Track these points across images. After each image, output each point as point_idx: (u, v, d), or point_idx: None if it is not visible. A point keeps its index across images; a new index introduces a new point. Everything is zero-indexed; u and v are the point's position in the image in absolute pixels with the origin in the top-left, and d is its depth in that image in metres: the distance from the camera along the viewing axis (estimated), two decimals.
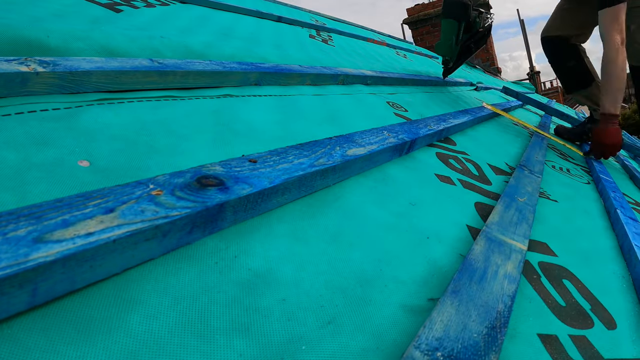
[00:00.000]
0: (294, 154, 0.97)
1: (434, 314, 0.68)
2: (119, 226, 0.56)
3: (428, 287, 0.82)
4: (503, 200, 1.29)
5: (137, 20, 1.79)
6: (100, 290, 0.55)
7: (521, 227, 1.13)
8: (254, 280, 0.67)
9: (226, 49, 1.82)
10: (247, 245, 0.73)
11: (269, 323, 0.61)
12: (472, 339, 0.65)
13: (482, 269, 0.85)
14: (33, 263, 0.46)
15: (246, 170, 0.82)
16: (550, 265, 1.09)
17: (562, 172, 2.28)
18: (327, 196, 0.99)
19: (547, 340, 0.80)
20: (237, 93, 1.41)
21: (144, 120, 0.99)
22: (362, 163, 1.14)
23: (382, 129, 1.43)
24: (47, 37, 1.16)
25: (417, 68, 3.95)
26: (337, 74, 2.09)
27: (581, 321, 0.91)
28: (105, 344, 0.49)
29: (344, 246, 0.84)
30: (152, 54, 1.41)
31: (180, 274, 0.62)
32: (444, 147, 1.75)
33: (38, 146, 0.75)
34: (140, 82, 1.13)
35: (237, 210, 0.74)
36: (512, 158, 2.10)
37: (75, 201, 0.58)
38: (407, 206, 1.11)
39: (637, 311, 1.03)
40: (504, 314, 0.73)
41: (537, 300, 0.92)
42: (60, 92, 0.95)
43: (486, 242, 0.97)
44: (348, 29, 5.18)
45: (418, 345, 0.60)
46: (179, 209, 0.63)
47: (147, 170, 0.81)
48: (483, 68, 10.51)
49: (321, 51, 2.92)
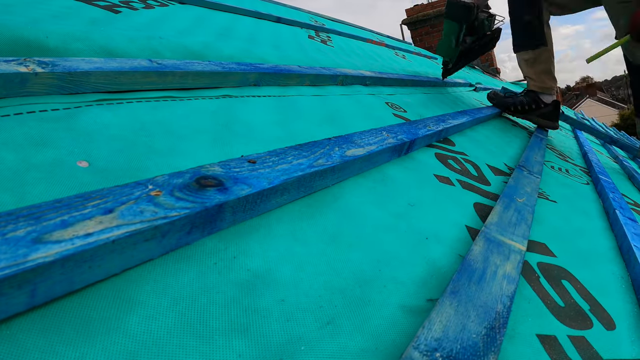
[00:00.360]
0: (293, 154, 0.97)
1: (432, 314, 0.68)
2: (118, 227, 0.56)
3: (427, 287, 0.82)
4: (502, 201, 1.29)
5: (136, 21, 1.80)
6: (99, 290, 0.55)
7: (520, 228, 1.13)
8: (253, 281, 0.67)
9: (225, 49, 1.82)
10: (246, 246, 0.73)
11: (268, 323, 0.61)
12: (471, 339, 0.65)
13: (481, 270, 0.85)
14: (32, 264, 0.46)
15: (245, 171, 0.82)
16: (549, 266, 1.09)
17: (561, 172, 2.29)
18: (326, 197, 0.99)
19: (546, 341, 0.80)
20: (236, 94, 1.41)
21: (143, 121, 0.99)
22: (361, 164, 1.14)
23: (381, 130, 1.43)
24: (46, 38, 1.16)
25: (416, 69, 3.95)
26: (336, 75, 2.09)
27: (580, 322, 0.91)
28: (104, 345, 0.49)
29: (343, 247, 0.84)
30: (151, 55, 1.42)
31: (180, 274, 0.62)
32: (443, 147, 1.75)
33: (37, 147, 0.75)
34: (139, 83, 1.13)
35: (236, 211, 0.74)
36: (511, 158, 2.10)
37: (74, 202, 0.58)
38: (406, 207, 1.11)
39: (636, 312, 1.03)
40: (503, 315, 0.73)
41: (536, 300, 0.92)
42: (59, 92, 0.95)
43: (485, 243, 0.97)
44: (347, 30, 5.18)
45: (417, 346, 0.60)
46: (178, 209, 0.63)
47: (146, 170, 0.81)
48: (482, 69, 10.52)
49: (320, 52, 2.92)
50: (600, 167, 2.60)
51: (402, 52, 5.55)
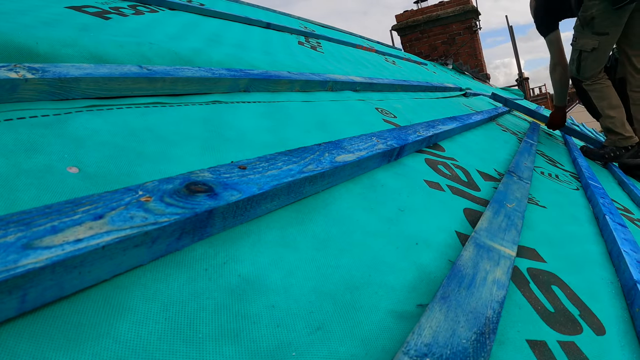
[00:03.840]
0: (283, 160, 0.97)
1: (422, 320, 0.68)
2: (108, 232, 0.56)
3: (417, 293, 0.82)
4: (492, 207, 1.29)
5: (126, 27, 1.80)
6: (89, 296, 0.55)
7: (510, 233, 1.13)
8: (243, 287, 0.67)
9: (215, 55, 1.82)
10: (236, 252, 0.73)
11: (258, 329, 0.61)
12: (460, 345, 0.65)
13: (470, 275, 0.85)
14: (22, 269, 0.46)
15: (235, 177, 0.82)
16: (539, 271, 1.10)
17: (550, 178, 2.29)
18: (316, 202, 0.99)
19: (536, 346, 0.80)
20: (226, 99, 1.41)
21: (133, 127, 0.99)
22: (351, 169, 1.14)
23: (371, 135, 1.43)
24: (36, 44, 1.16)
25: (406, 74, 3.96)
26: (326, 81, 2.09)
27: (570, 327, 0.91)
28: (95, 350, 0.49)
29: (333, 252, 0.84)
30: (141, 61, 1.42)
31: (170, 280, 0.62)
32: (432, 153, 1.75)
33: (27, 153, 0.75)
34: (129, 89, 1.13)
35: (226, 217, 0.74)
36: (500, 164, 2.11)
37: (65, 207, 0.58)
38: (396, 212, 1.11)
39: (626, 317, 1.03)
40: (493, 320, 0.74)
41: (526, 306, 0.93)
42: (49, 98, 0.95)
43: (475, 248, 0.98)
44: (337, 36, 5.19)
45: (407, 351, 0.60)
46: (168, 215, 0.63)
47: (136, 176, 0.81)
48: (472, 74, 10.55)
49: (310, 58, 2.93)
50: (590, 173, 2.61)
51: (392, 57, 5.57)
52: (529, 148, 2.66)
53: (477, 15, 10.93)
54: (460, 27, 10.87)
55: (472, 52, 10.90)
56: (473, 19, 10.72)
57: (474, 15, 10.75)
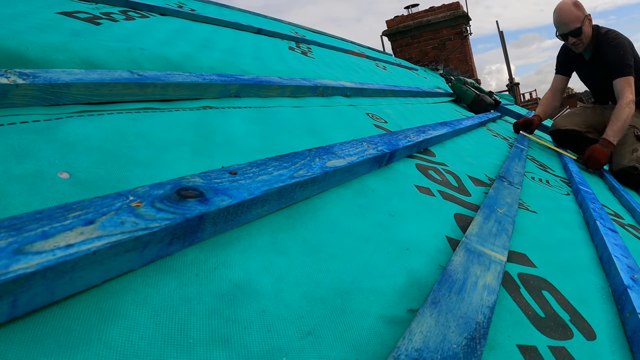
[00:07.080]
0: (273, 165, 0.98)
1: (413, 325, 0.68)
2: (99, 238, 0.55)
3: (408, 298, 0.82)
4: (482, 212, 1.29)
5: (117, 33, 1.80)
6: (80, 301, 0.54)
7: (500, 238, 1.14)
8: (234, 292, 0.67)
9: (206, 60, 1.82)
10: (227, 257, 0.73)
11: (249, 334, 0.61)
12: (451, 350, 0.65)
13: (461, 280, 0.86)
14: (13, 274, 0.46)
15: (226, 182, 0.82)
16: (530, 277, 1.10)
17: (541, 183, 2.30)
18: (306, 207, 0.99)
19: (526, 352, 0.81)
20: (217, 105, 1.41)
21: (124, 132, 0.99)
22: (341, 174, 1.14)
23: (362, 141, 1.43)
24: (26, 50, 1.15)
25: (397, 80, 3.97)
26: (316, 86, 2.10)
27: (561, 332, 0.91)
28: (85, 356, 0.49)
29: (323, 257, 0.85)
30: (132, 66, 1.41)
31: (160, 285, 0.62)
32: (423, 158, 1.75)
33: (18, 158, 0.75)
34: (120, 94, 1.13)
35: (217, 222, 0.74)
36: (491, 169, 2.12)
37: (55, 213, 0.58)
38: (387, 217, 1.11)
39: (617, 322, 1.03)
40: (483, 325, 0.74)
41: (516, 311, 0.93)
42: (40, 104, 0.95)
43: (465, 253, 0.98)
44: (328, 41, 5.19)
45: (397, 356, 0.61)
46: (158, 220, 0.63)
47: (126, 182, 0.81)
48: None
49: (301, 63, 2.93)
50: (581, 178, 2.62)
51: (382, 63, 5.57)
52: (519, 153, 2.67)
53: (468, 21, 10.94)
54: (450, 33, 10.87)
55: (462, 58, 10.90)
56: (464, 25, 10.71)
57: (465, 21, 10.76)
